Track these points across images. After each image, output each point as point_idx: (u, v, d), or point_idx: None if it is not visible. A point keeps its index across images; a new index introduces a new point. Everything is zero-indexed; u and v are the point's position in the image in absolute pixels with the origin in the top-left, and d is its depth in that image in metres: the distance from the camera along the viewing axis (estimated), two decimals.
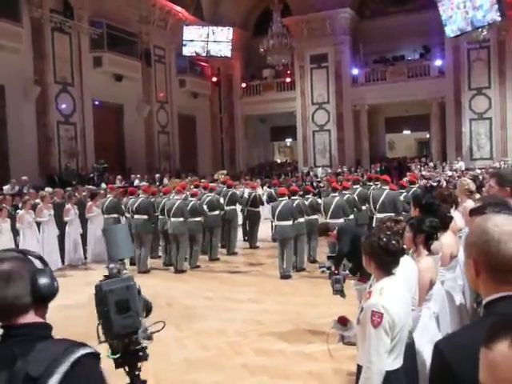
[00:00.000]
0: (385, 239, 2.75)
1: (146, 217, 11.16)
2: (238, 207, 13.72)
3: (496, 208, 2.66)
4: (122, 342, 1.86)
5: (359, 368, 2.80)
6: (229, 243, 12.92)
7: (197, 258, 11.38)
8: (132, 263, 10.87)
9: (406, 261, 3.11)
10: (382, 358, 2.61)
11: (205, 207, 11.71)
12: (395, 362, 2.70)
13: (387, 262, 2.75)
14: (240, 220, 14.10)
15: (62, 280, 9.01)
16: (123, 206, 11.81)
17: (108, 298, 1.79)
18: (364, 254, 2.84)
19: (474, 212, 2.92)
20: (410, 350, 2.99)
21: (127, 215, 11.72)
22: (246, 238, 14.05)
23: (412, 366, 3.02)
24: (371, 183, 12.56)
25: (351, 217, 10.27)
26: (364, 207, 11.08)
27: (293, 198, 10.32)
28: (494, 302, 1.46)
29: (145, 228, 11.18)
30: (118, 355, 1.84)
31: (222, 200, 12.66)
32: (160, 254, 12.14)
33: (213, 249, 12.10)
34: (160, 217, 11.47)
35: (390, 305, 2.63)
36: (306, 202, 10.69)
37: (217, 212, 12.14)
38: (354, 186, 11.57)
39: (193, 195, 11.73)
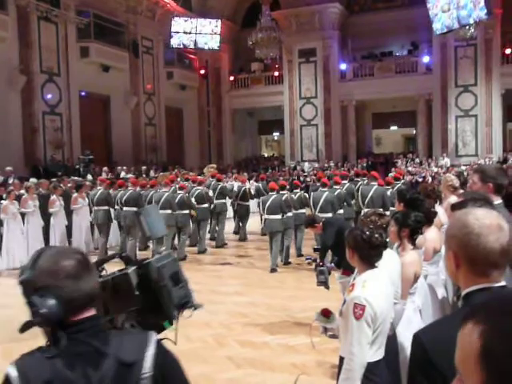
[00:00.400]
0: (368, 233, 2.79)
1: (134, 209, 11.12)
2: (228, 201, 13.80)
3: (477, 203, 2.70)
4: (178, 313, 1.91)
5: (342, 359, 2.84)
6: (217, 236, 12.98)
7: (183, 249, 11.43)
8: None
9: (389, 254, 3.15)
10: (363, 350, 2.65)
11: (193, 200, 11.73)
12: (377, 354, 2.74)
13: (370, 255, 2.79)
14: (229, 213, 14.17)
15: None
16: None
17: (163, 273, 1.82)
18: (347, 247, 2.88)
19: (455, 207, 2.96)
20: (392, 342, 3.03)
21: (116, 207, 11.72)
22: (236, 231, 14.15)
23: (394, 358, 3.06)
24: (359, 179, 12.79)
25: (341, 211, 10.45)
26: (352, 202, 11.26)
27: (281, 192, 10.44)
28: (473, 293, 1.50)
29: (134, 220, 11.19)
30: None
31: (211, 193, 12.69)
32: (150, 244, 12.16)
33: (200, 241, 12.15)
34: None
35: (372, 297, 2.66)
36: (295, 197, 10.90)
37: (205, 205, 12.19)
38: (343, 182, 11.75)
39: (181, 188, 11.75)
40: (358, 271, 2.91)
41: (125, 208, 11.31)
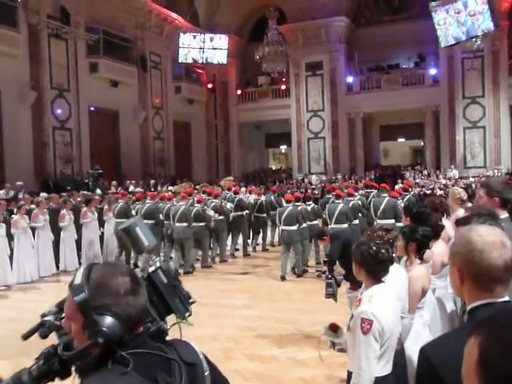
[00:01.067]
0: (374, 248, 2.81)
1: (152, 221, 11.42)
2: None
3: (480, 219, 2.72)
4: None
5: (350, 374, 2.85)
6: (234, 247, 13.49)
7: (206, 259, 11.93)
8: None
9: (396, 269, 3.17)
10: (371, 365, 2.67)
11: (212, 212, 11.95)
12: (385, 369, 2.75)
13: (377, 270, 2.82)
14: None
15: (56, 285, 9.02)
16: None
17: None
18: (354, 262, 2.90)
19: (459, 222, 2.99)
20: (400, 357, 3.04)
21: None
22: (253, 242, 14.43)
23: (402, 373, 3.07)
24: (369, 190, 13.07)
25: (356, 222, 10.87)
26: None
27: (296, 203, 10.80)
28: (477, 308, 1.54)
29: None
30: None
31: (229, 206, 13.01)
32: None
33: (220, 252, 12.60)
34: (165, 222, 11.84)
35: (379, 312, 2.68)
36: (309, 208, 11.33)
37: (221, 217, 12.43)
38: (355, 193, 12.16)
39: (198, 201, 12.04)
40: (365, 286, 2.93)
41: (144, 221, 11.45)
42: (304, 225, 10.68)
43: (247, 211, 13.72)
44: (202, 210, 11.72)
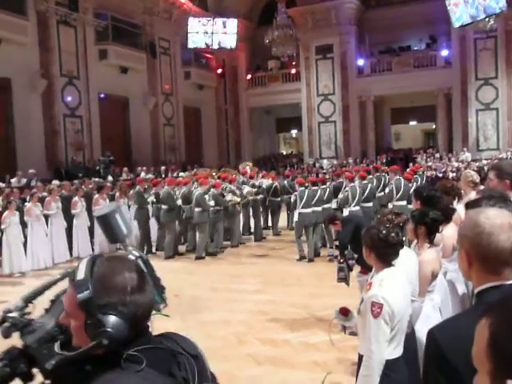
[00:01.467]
0: (384, 231, 2.81)
1: (166, 206, 11.75)
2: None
3: (490, 201, 2.70)
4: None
5: (360, 357, 2.87)
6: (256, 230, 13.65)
7: (219, 243, 12.03)
8: (159, 249, 12.20)
9: (406, 252, 3.16)
10: (381, 348, 2.68)
11: (229, 196, 12.22)
12: (395, 351, 2.76)
13: (387, 254, 2.81)
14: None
15: None
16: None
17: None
18: (364, 246, 2.90)
19: (469, 205, 2.97)
20: (411, 340, 3.05)
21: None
22: (269, 225, 14.65)
23: (412, 356, 3.07)
24: (379, 173, 13.16)
25: (370, 204, 11.18)
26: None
27: (313, 188, 11.00)
28: (485, 291, 1.54)
29: (167, 217, 11.81)
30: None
31: (246, 190, 13.25)
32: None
33: (232, 236, 12.73)
34: (185, 206, 12.05)
35: (389, 296, 2.69)
36: (325, 192, 11.45)
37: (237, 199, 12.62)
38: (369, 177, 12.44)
39: (214, 186, 12.13)
40: (375, 270, 2.93)
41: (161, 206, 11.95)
42: (319, 208, 10.82)
43: (261, 195, 13.76)
44: (218, 193, 11.84)
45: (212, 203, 11.59)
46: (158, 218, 12.28)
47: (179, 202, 11.98)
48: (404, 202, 10.53)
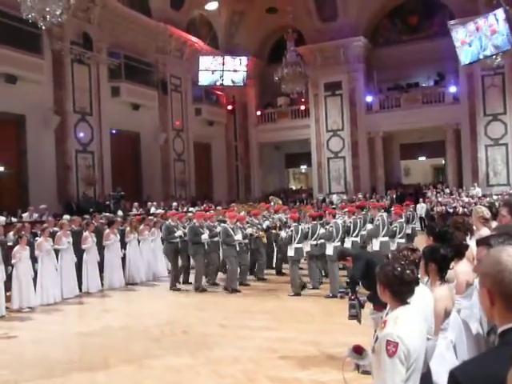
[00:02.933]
0: (399, 268, 2.77)
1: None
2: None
3: (500, 238, 2.67)
4: None
5: None
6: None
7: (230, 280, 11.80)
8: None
9: (421, 290, 3.12)
10: None
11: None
12: None
13: (402, 292, 2.77)
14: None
15: (78, 307, 9.10)
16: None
17: None
18: (379, 283, 2.86)
19: (479, 243, 2.95)
20: (427, 380, 2.98)
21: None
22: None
23: None
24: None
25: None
26: None
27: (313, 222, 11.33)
28: (509, 331, 1.49)
29: (193, 251, 11.94)
30: None
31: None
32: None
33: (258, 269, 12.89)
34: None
35: (405, 334, 2.64)
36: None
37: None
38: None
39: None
40: (390, 307, 2.88)
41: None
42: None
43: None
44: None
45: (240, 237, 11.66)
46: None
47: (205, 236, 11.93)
48: (387, 238, 11.12)
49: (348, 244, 11.20)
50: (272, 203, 17.99)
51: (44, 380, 6.20)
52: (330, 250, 10.51)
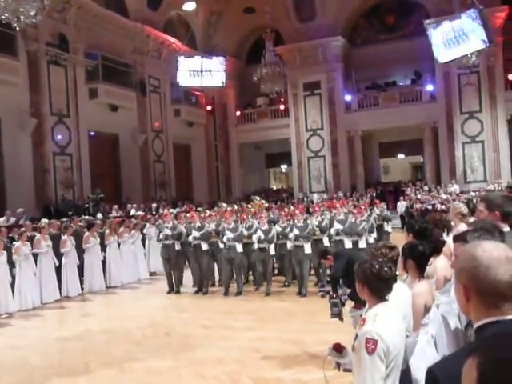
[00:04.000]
0: (377, 266, 2.78)
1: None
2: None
3: (476, 233, 2.69)
4: None
5: None
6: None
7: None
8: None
9: (399, 287, 3.14)
10: None
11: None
12: None
13: (380, 289, 2.78)
14: None
15: (58, 312, 8.98)
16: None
17: None
18: (357, 280, 2.87)
19: (456, 238, 2.97)
20: (406, 377, 3.00)
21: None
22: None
23: None
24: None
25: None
26: None
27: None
28: (484, 327, 1.48)
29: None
30: None
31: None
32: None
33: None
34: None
35: (384, 331, 2.65)
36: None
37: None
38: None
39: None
40: (369, 305, 2.90)
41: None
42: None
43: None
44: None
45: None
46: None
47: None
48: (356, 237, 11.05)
49: (327, 242, 11.07)
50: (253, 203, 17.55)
51: None
52: (308, 249, 10.57)
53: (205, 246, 11.50)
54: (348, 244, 10.81)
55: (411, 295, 3.33)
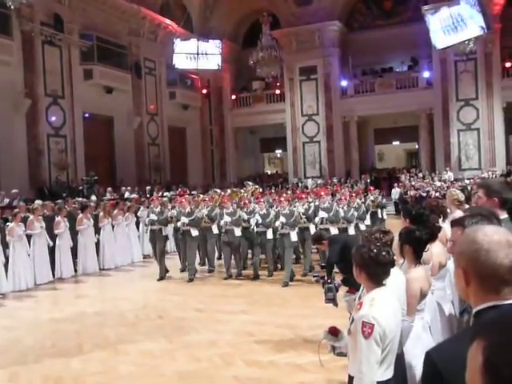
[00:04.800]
0: (375, 250, 2.77)
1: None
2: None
3: (473, 219, 2.69)
4: None
5: (350, 378, 2.82)
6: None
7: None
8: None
9: (394, 272, 3.14)
10: (372, 369, 2.64)
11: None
12: (386, 373, 2.72)
13: (378, 273, 2.78)
14: None
15: (52, 293, 9.00)
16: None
17: None
18: (354, 265, 2.86)
19: (454, 223, 2.97)
20: (400, 361, 3.01)
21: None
22: None
23: (402, 377, 3.04)
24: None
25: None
26: None
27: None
28: (483, 311, 1.48)
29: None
30: None
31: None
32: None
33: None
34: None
35: (380, 316, 2.65)
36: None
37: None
38: None
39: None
40: (366, 289, 2.89)
41: None
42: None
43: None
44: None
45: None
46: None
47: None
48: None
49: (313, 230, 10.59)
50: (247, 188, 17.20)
51: (18, 366, 6.11)
52: (294, 237, 10.46)
53: (195, 233, 11.21)
54: (334, 232, 10.35)
55: (407, 280, 3.34)
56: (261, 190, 17.34)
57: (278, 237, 10.68)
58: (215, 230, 11.64)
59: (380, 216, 13.98)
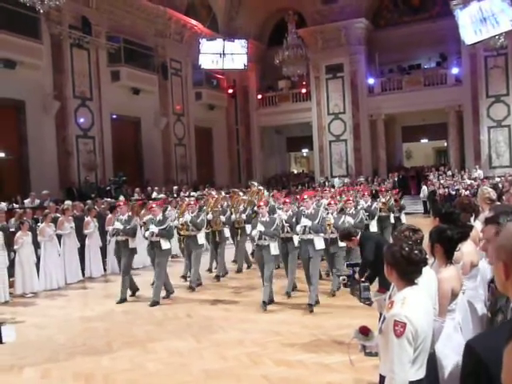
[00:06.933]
0: (407, 249, 2.72)
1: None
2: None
3: (508, 217, 2.63)
4: None
5: (382, 378, 2.78)
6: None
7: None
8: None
9: (426, 270, 3.08)
10: (405, 368, 2.59)
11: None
12: (418, 373, 2.68)
13: (410, 272, 2.73)
14: None
15: (82, 292, 9.10)
16: None
17: None
18: (386, 263, 2.81)
19: (488, 221, 2.91)
20: (432, 361, 2.96)
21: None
22: None
23: (434, 377, 2.98)
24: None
25: None
26: None
27: None
28: None
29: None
30: None
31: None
32: None
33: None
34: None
35: (412, 315, 2.61)
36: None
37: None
38: None
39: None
40: (397, 288, 2.84)
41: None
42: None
43: None
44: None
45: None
46: None
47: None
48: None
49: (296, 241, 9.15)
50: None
51: (49, 364, 6.21)
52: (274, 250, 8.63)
53: (166, 245, 9.42)
54: (319, 244, 8.45)
55: (438, 280, 3.27)
56: (266, 192, 15.16)
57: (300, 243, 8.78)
58: (200, 241, 10.32)
59: (393, 221, 12.65)
